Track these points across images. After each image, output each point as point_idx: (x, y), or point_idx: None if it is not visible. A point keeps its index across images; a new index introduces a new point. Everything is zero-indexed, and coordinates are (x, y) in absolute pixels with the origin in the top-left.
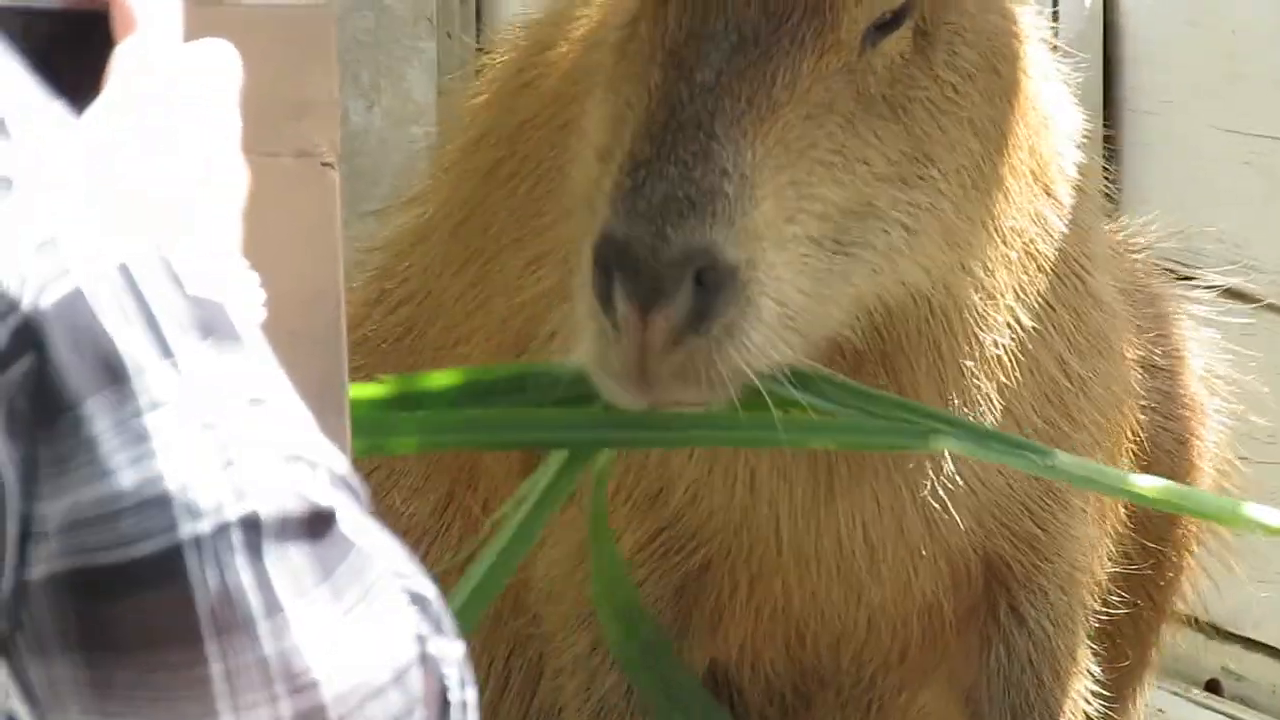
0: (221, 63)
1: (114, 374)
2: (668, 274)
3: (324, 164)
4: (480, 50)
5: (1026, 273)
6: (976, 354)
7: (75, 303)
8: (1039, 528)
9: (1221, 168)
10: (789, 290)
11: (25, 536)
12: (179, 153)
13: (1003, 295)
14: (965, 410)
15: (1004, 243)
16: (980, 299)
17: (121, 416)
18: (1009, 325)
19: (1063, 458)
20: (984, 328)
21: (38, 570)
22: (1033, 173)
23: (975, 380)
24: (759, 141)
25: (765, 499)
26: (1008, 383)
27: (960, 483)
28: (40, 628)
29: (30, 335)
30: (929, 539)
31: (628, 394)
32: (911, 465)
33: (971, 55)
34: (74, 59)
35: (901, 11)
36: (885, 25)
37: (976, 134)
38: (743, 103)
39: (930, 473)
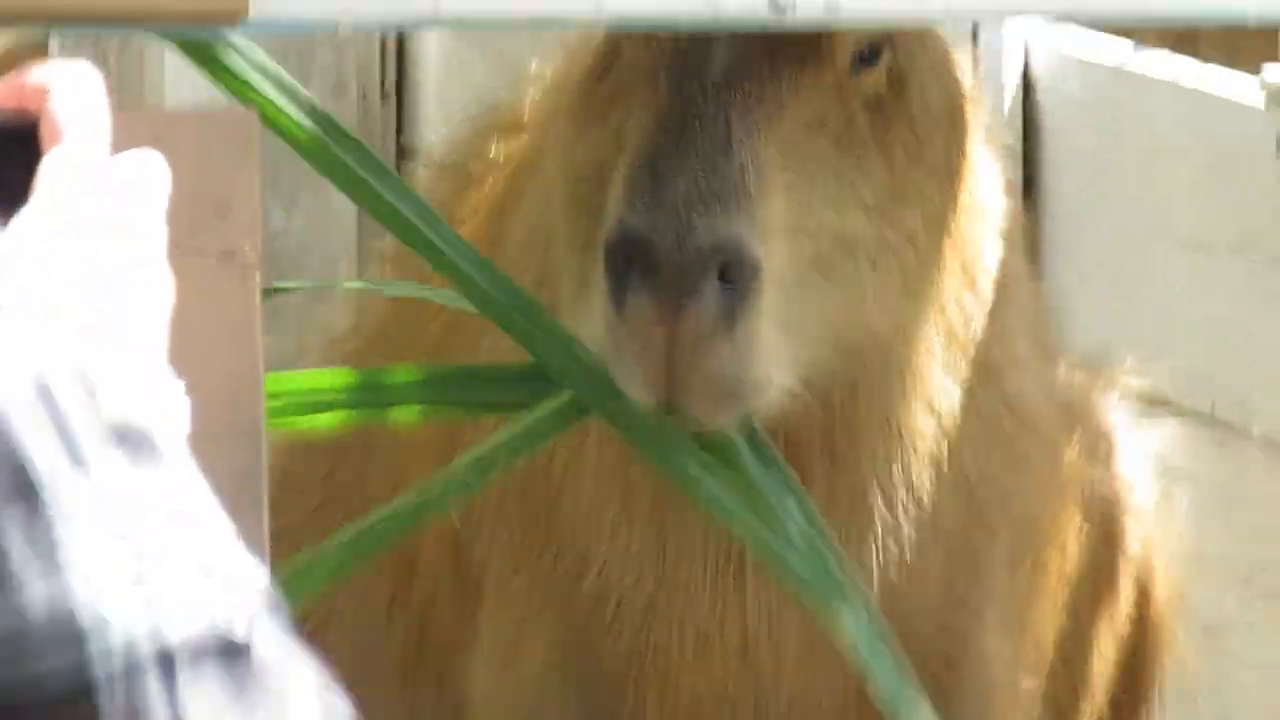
0: (150, 173)
1: (25, 488)
2: (694, 267)
3: (246, 265)
4: (402, 151)
5: (955, 370)
6: (911, 434)
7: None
8: (950, 640)
9: (1142, 273)
10: (792, 301)
11: None
12: (103, 264)
13: (936, 372)
14: (886, 509)
15: (944, 320)
16: (922, 367)
17: (32, 531)
18: (934, 406)
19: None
20: (920, 397)
21: None
22: (963, 258)
23: (904, 468)
24: (770, 141)
25: (675, 583)
26: (928, 485)
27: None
28: None
29: None
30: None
31: (653, 396)
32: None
33: (937, 109)
34: (2, 172)
35: (879, 47)
36: (866, 58)
37: (940, 188)
38: (753, 100)
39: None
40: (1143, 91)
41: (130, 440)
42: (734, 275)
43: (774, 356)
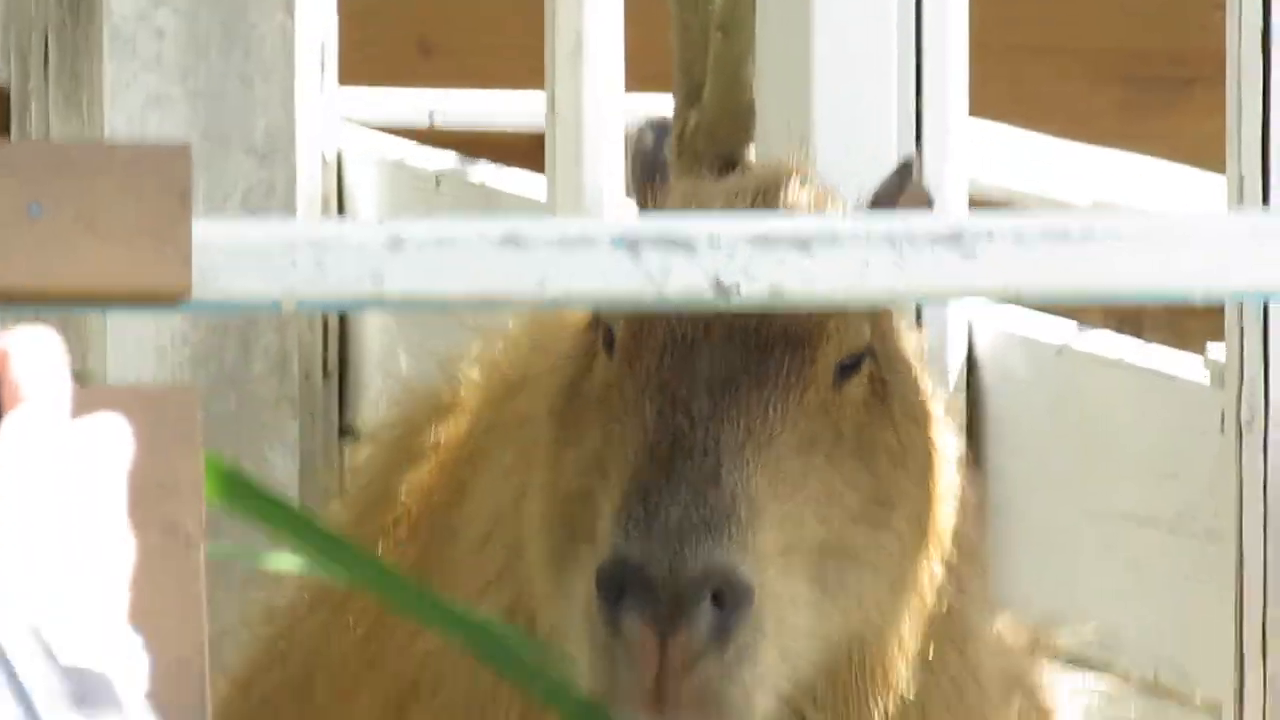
0: (109, 438)
1: None
2: (688, 594)
3: (189, 542)
4: (344, 430)
5: (921, 639)
6: (889, 706)
7: None
8: None
9: (1084, 549)
10: (788, 619)
11: None
12: (61, 526)
13: (908, 656)
14: None
15: (918, 601)
16: (896, 655)
17: None
18: (902, 689)
19: None
20: (891, 686)
21: None
22: (939, 538)
23: None
24: (760, 470)
25: None
26: None
27: None
28: None
29: None
30: None
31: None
32: None
33: (916, 407)
34: None
35: (860, 356)
36: (847, 369)
37: (920, 483)
38: (742, 430)
39: None
40: (1087, 370)
41: (87, 699)
42: (727, 599)
43: (769, 671)
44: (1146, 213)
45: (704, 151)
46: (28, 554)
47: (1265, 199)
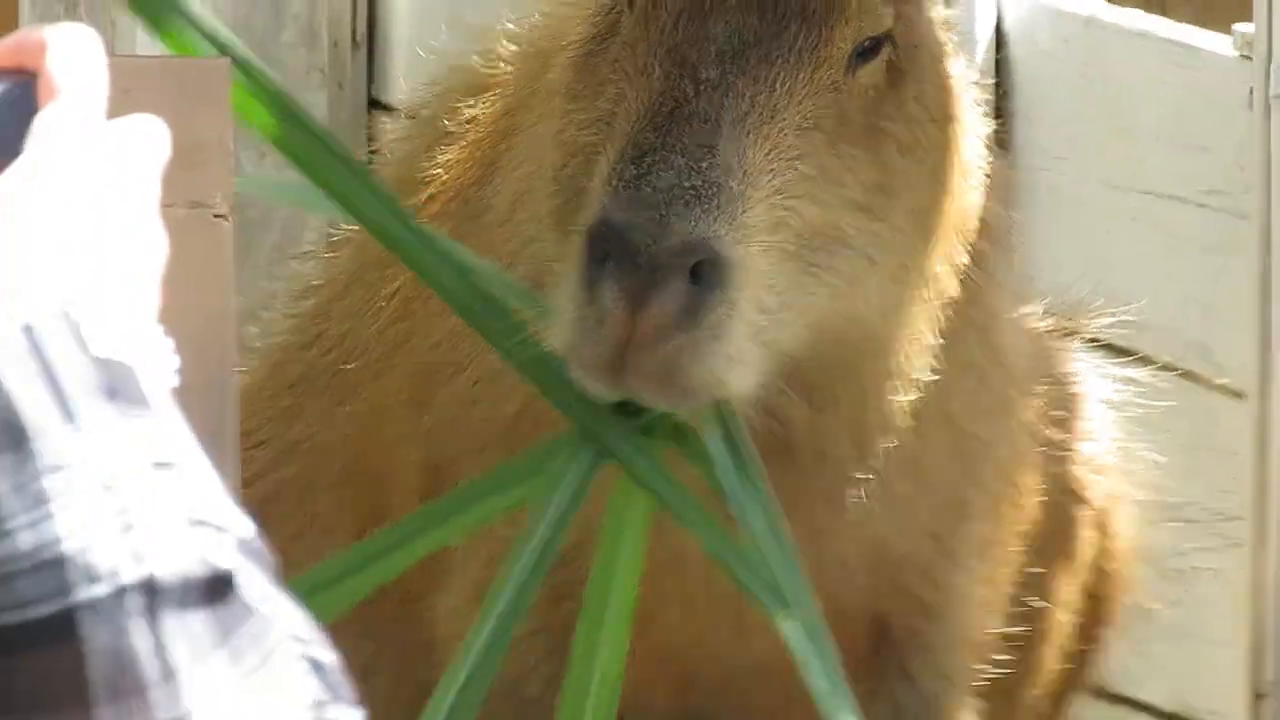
0: (145, 135)
1: (14, 437)
2: (668, 263)
3: (216, 215)
4: (373, 102)
5: (941, 325)
6: (893, 405)
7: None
8: (932, 590)
9: (1112, 224)
10: (767, 298)
11: None
12: (93, 219)
13: (923, 344)
14: (872, 470)
15: (931, 290)
16: (908, 345)
17: (20, 479)
18: (920, 378)
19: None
20: (905, 375)
21: None
22: (957, 224)
23: (888, 433)
24: (760, 143)
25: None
26: (917, 438)
27: (862, 541)
28: None
29: None
30: (818, 593)
31: (604, 385)
32: (811, 516)
33: (934, 98)
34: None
35: (880, 41)
36: (865, 53)
37: (931, 176)
38: (747, 102)
39: (829, 528)
40: (1115, 42)
41: (119, 392)
42: (705, 274)
43: (742, 352)
44: None
45: None
46: (60, 242)
47: None
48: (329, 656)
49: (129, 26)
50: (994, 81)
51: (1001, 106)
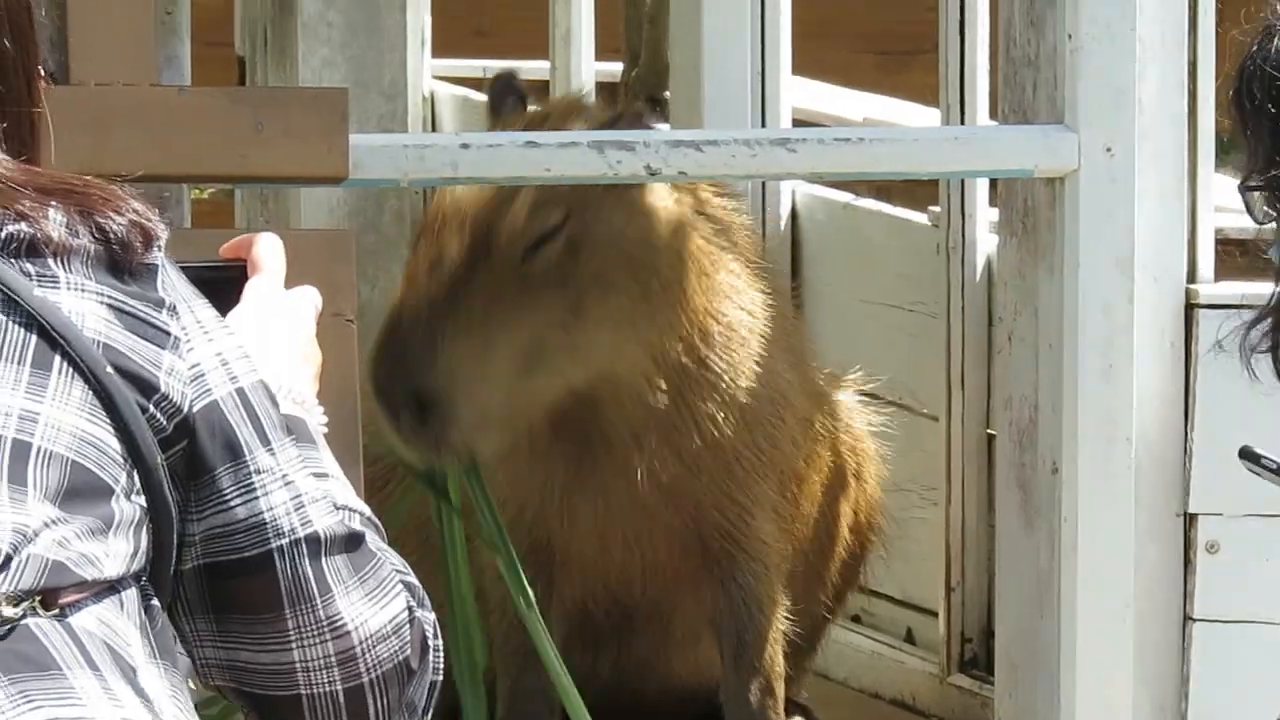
0: (310, 292)
1: (234, 453)
2: (404, 409)
3: (348, 321)
4: None
5: (682, 356)
6: (700, 411)
7: (213, 410)
8: (735, 512)
9: (861, 322)
10: (480, 400)
11: (180, 544)
12: (282, 335)
13: (653, 382)
14: (685, 451)
15: (662, 345)
16: (640, 379)
17: (237, 477)
18: (715, 400)
19: None
20: (651, 396)
21: (187, 564)
22: (692, 316)
23: (695, 431)
24: (450, 325)
25: (554, 503)
26: (718, 433)
27: (670, 482)
28: (189, 598)
29: (187, 428)
30: (658, 520)
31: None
32: (632, 472)
33: (618, 252)
34: (224, 291)
35: (551, 231)
36: (548, 235)
37: (632, 292)
38: (444, 304)
39: (647, 475)
40: (862, 216)
41: (295, 431)
42: (426, 403)
43: (469, 428)
44: (894, 128)
45: (639, 94)
46: (263, 347)
47: (961, 122)
48: (415, 581)
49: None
50: (791, 242)
51: (795, 254)
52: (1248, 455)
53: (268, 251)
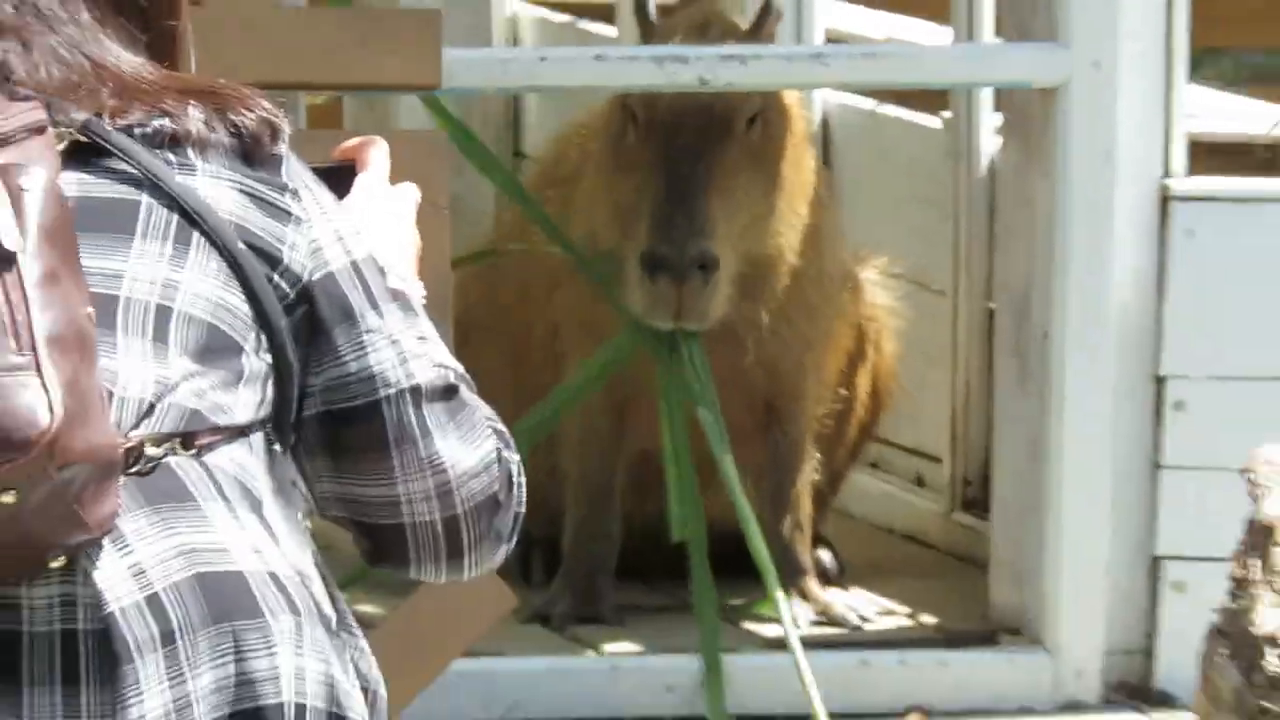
0: (409, 187)
1: (348, 316)
2: (688, 267)
3: (442, 210)
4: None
5: (801, 252)
6: (776, 292)
7: (329, 280)
8: (792, 383)
9: (881, 211)
10: (733, 270)
11: (301, 395)
12: (388, 222)
13: (793, 264)
14: (768, 331)
15: (793, 238)
16: (784, 265)
17: (351, 337)
18: (788, 281)
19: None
20: (782, 279)
21: (307, 412)
22: (805, 205)
23: (774, 308)
24: (718, 195)
25: (648, 377)
26: (788, 307)
27: (756, 363)
28: (310, 442)
29: (307, 295)
30: (737, 382)
31: (664, 320)
32: (732, 341)
33: (788, 144)
34: (338, 182)
35: (754, 116)
36: (756, 114)
37: (791, 184)
38: (707, 161)
39: (737, 357)
40: (882, 121)
41: (399, 299)
42: (708, 266)
43: (723, 295)
44: (911, 45)
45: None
46: (372, 230)
47: (970, 39)
48: (502, 427)
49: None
50: (823, 139)
51: (826, 152)
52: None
53: (374, 152)
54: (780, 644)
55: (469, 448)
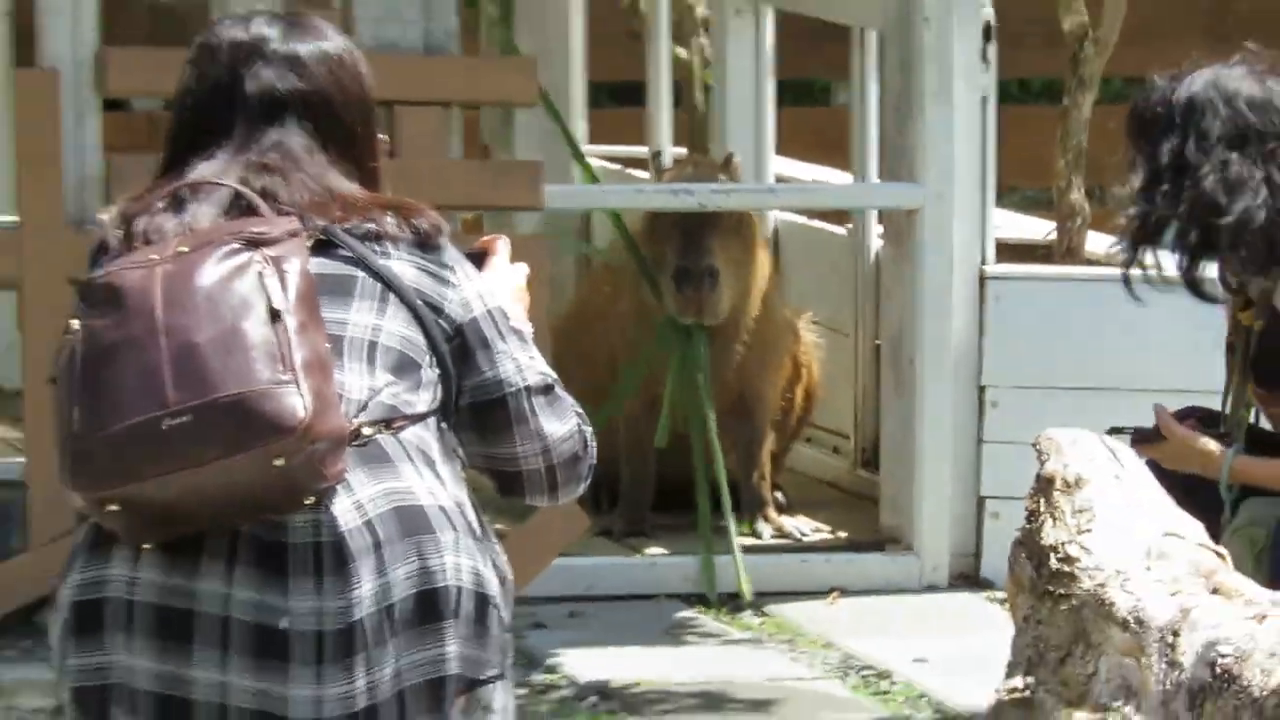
0: (522, 266)
1: (485, 344)
2: (704, 278)
3: (541, 281)
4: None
5: (760, 300)
6: (750, 323)
7: (473, 322)
8: (757, 388)
9: (811, 260)
10: (725, 286)
11: (457, 394)
12: (509, 286)
13: (752, 309)
14: (737, 348)
15: (757, 294)
16: (750, 307)
17: (487, 356)
18: (757, 316)
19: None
20: (750, 313)
21: (461, 403)
22: (763, 272)
23: (746, 334)
24: (716, 243)
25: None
26: (757, 336)
27: (735, 375)
28: (462, 421)
29: (460, 332)
30: (727, 386)
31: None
32: (725, 357)
33: (748, 233)
34: (479, 261)
35: (735, 220)
36: (731, 227)
37: (753, 257)
38: (708, 232)
39: (724, 371)
40: (812, 231)
41: (519, 335)
42: (714, 275)
43: (724, 305)
44: (831, 182)
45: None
46: (499, 291)
47: (864, 178)
48: (582, 411)
49: None
50: (775, 243)
51: (776, 248)
52: (1113, 431)
53: (500, 244)
54: (751, 549)
55: (560, 423)
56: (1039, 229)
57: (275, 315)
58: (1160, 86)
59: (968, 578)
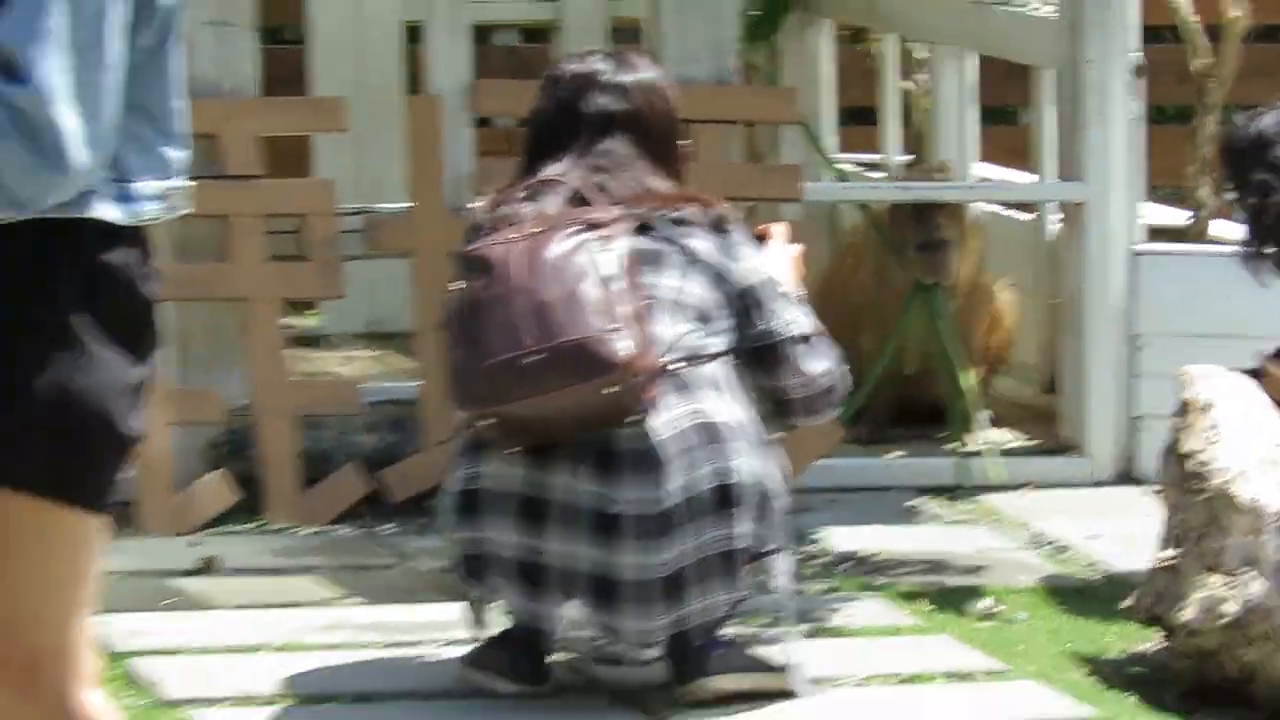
0: (795, 246)
1: (760, 304)
2: (941, 242)
3: (807, 253)
4: None
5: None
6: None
7: (752, 287)
8: (969, 326)
9: None
10: (954, 253)
11: (741, 340)
12: (783, 261)
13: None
14: None
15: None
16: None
17: (764, 312)
18: None
19: None
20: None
21: (744, 347)
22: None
23: None
24: (944, 221)
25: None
26: None
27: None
28: (746, 360)
29: (743, 294)
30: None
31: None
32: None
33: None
34: (760, 242)
35: (949, 210)
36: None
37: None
38: (937, 215)
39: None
40: (1007, 220)
41: (787, 296)
42: (946, 244)
43: (953, 268)
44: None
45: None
46: (775, 264)
47: (1043, 178)
48: (838, 353)
49: None
50: None
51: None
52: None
53: (776, 228)
54: (967, 454)
55: (821, 362)
56: (1176, 217)
57: (605, 280)
58: (1240, 123)
59: (1127, 476)
